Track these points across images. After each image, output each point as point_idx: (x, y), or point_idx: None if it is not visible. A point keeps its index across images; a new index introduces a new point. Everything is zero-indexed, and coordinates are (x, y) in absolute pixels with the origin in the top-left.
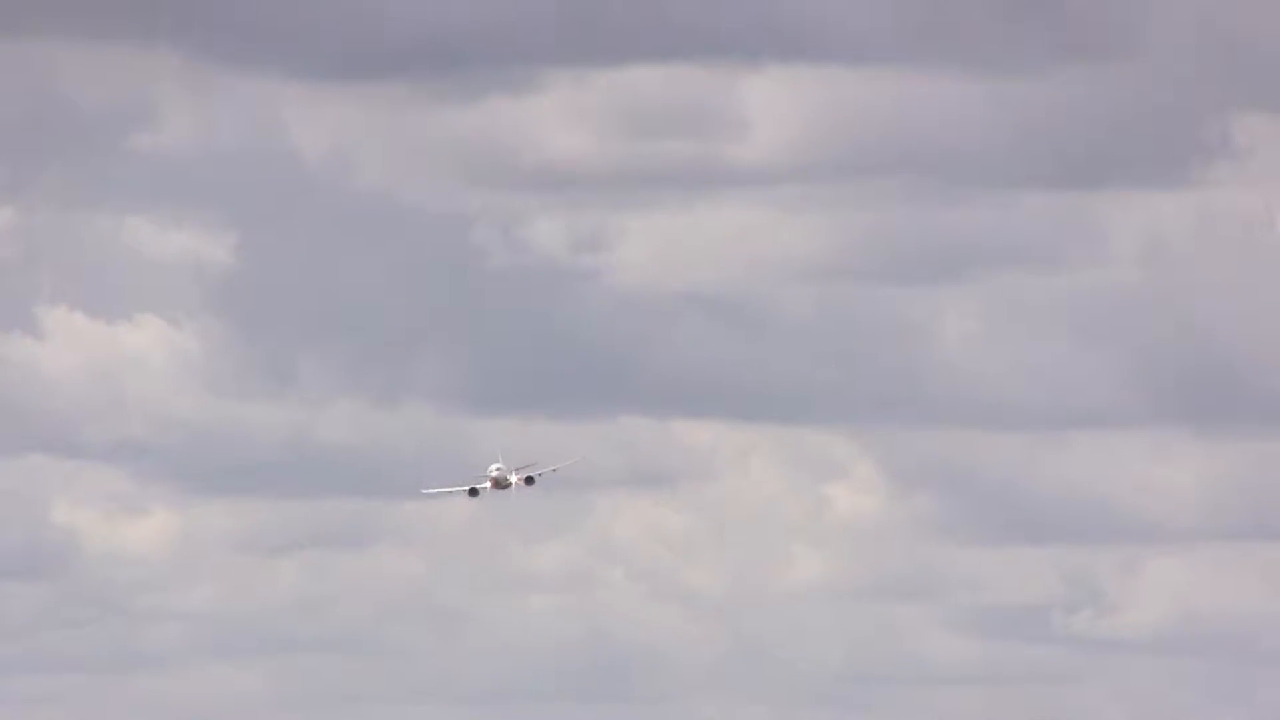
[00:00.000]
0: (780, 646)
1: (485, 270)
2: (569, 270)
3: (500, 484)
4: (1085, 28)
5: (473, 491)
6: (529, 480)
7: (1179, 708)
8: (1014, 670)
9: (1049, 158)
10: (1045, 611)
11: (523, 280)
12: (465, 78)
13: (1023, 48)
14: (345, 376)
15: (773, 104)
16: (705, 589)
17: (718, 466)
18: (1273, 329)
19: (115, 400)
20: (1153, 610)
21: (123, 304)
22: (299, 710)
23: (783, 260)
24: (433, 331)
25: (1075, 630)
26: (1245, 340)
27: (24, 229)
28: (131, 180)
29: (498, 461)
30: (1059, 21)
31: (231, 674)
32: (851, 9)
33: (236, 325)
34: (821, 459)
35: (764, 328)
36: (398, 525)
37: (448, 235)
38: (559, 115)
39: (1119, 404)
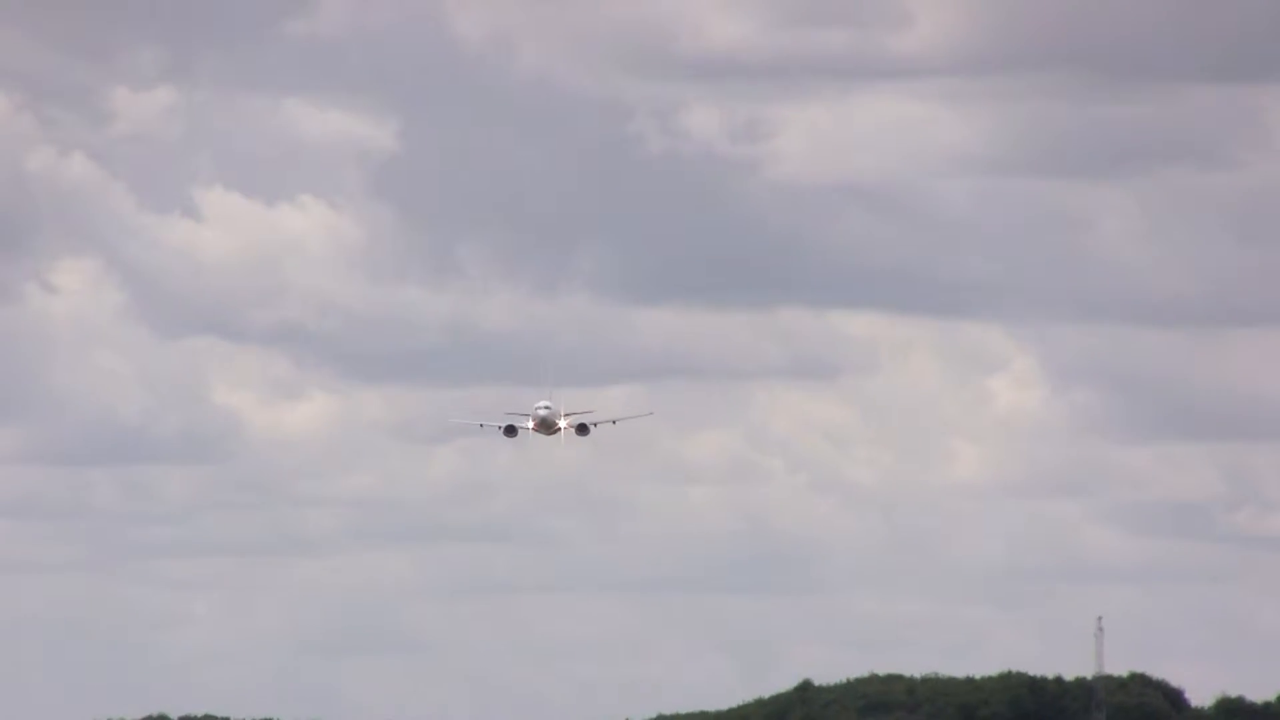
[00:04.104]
0: (939, 541)
1: (643, 159)
2: (727, 160)
3: (547, 426)
4: None
5: (510, 430)
6: (582, 429)
7: None
8: (1174, 567)
9: (1214, 51)
10: (1207, 508)
11: (680, 169)
12: None
13: None
14: (504, 264)
15: None
16: (864, 482)
17: (877, 359)
18: None
19: (274, 283)
20: None
21: (283, 186)
22: (453, 597)
23: (942, 153)
24: (591, 220)
25: (1236, 527)
26: None
27: (183, 110)
28: (290, 63)
29: (546, 400)
30: None
31: (387, 560)
32: None
33: (396, 210)
34: (981, 353)
35: (923, 220)
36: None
37: (606, 123)
38: (719, 3)
39: None
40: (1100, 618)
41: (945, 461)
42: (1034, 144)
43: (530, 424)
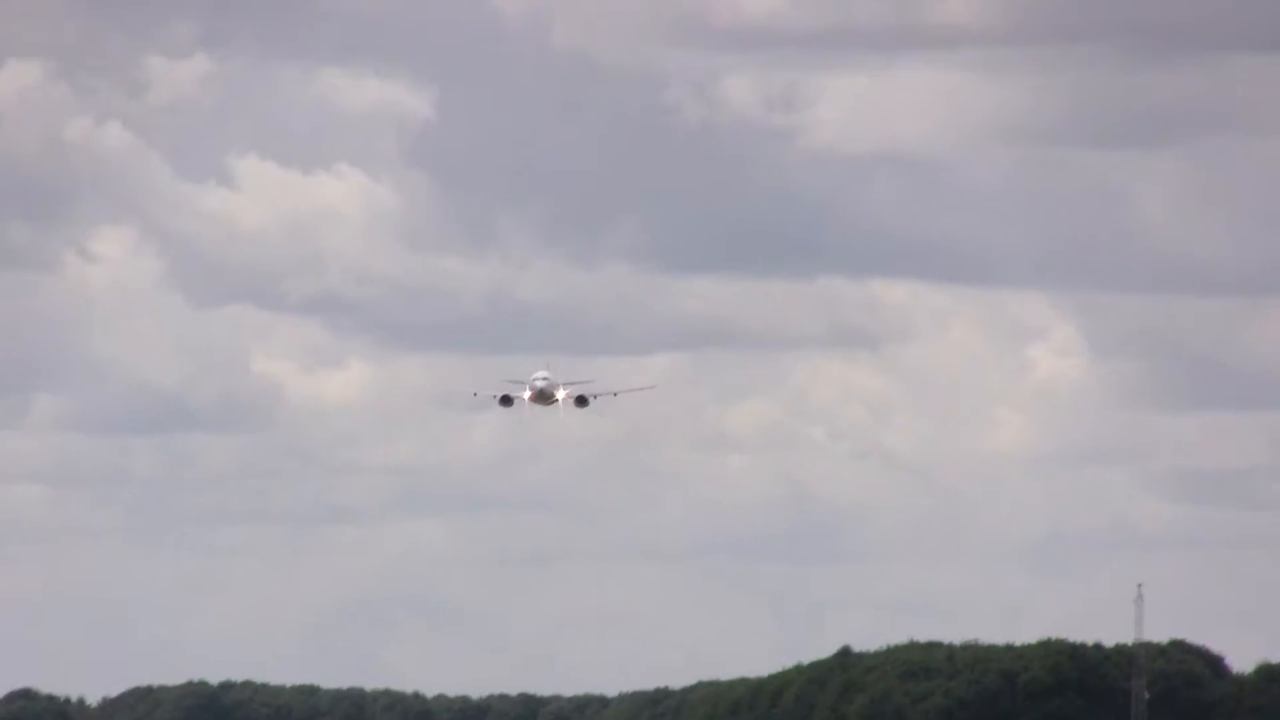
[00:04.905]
0: (979, 508)
1: (680, 128)
2: (764, 129)
3: (544, 397)
4: None
5: (506, 400)
6: (581, 400)
7: None
8: (1217, 535)
9: (1257, 20)
10: (1248, 476)
11: (718, 139)
12: None
13: None
14: (542, 233)
15: None
16: (905, 450)
17: (917, 328)
18: None
19: (311, 252)
20: None
21: (320, 154)
22: (493, 566)
23: (982, 122)
24: (629, 189)
25: (1278, 494)
26: None
27: (220, 79)
28: (327, 32)
29: (544, 371)
30: None
31: (426, 528)
32: None
33: (433, 179)
34: (1022, 322)
35: (963, 189)
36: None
37: (643, 93)
38: None
39: None
40: (1140, 585)
41: (985, 430)
42: (1074, 113)
43: (527, 394)
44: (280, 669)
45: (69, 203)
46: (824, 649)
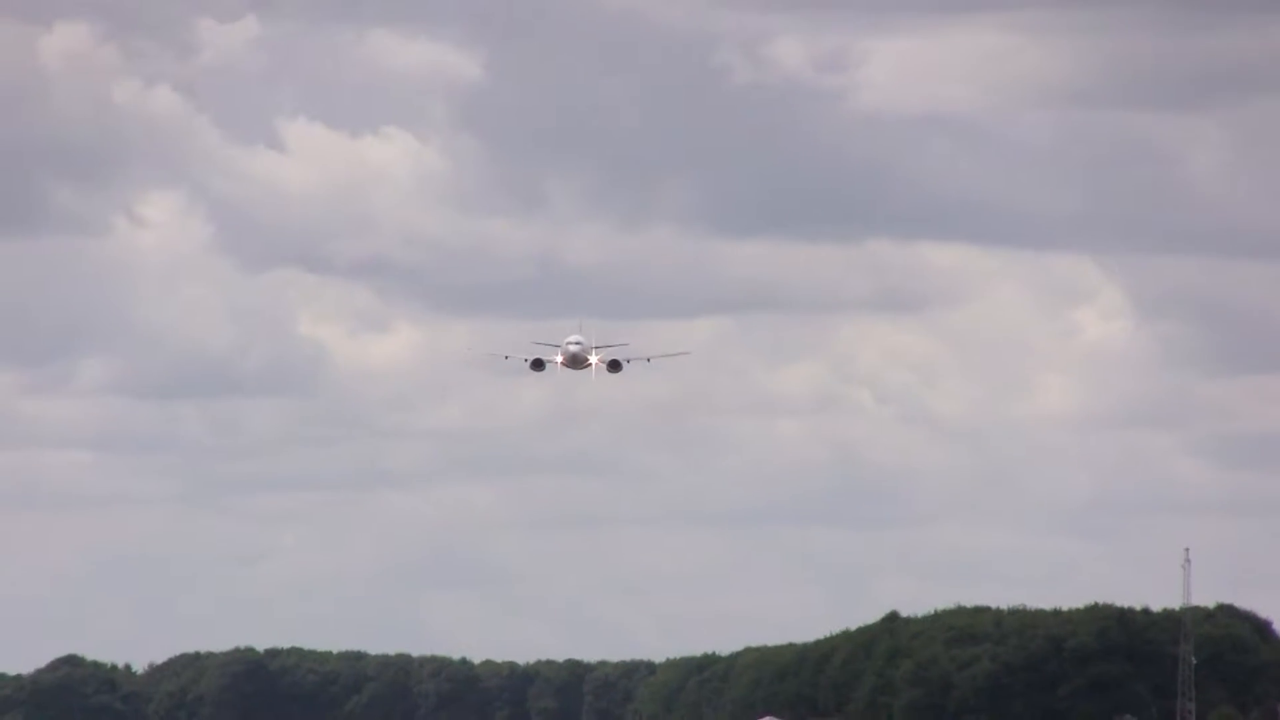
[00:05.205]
0: (1026, 472)
1: (729, 90)
2: (813, 91)
3: (577, 361)
4: None
5: (537, 364)
6: (614, 365)
7: None
8: (1265, 499)
9: None
10: None
11: (767, 101)
12: None
13: None
14: (590, 196)
15: None
16: (952, 414)
17: (964, 291)
18: None
19: (359, 215)
20: None
21: (368, 117)
22: (541, 530)
23: (1030, 84)
24: (677, 152)
25: None
26: None
27: (268, 41)
28: None
29: (577, 335)
30: None
31: (474, 493)
32: None
33: (482, 142)
34: (1068, 285)
35: (1010, 152)
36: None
37: (692, 54)
38: None
39: None
40: (1188, 549)
41: (1032, 393)
42: (1122, 75)
43: (559, 358)
44: (326, 635)
45: (118, 166)
46: (871, 614)
